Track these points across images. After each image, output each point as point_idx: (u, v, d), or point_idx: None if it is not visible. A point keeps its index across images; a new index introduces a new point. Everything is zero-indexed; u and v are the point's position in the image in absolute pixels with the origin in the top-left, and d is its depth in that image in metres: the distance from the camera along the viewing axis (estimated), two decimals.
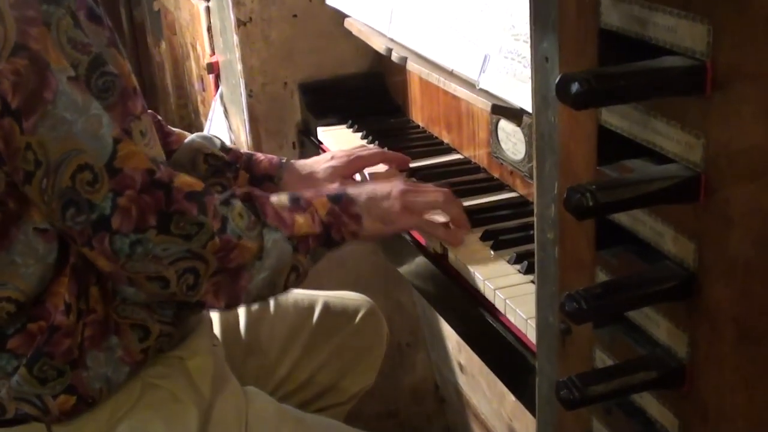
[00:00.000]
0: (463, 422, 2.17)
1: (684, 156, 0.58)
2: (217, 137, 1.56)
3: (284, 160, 1.55)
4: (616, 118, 0.64)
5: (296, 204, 1.24)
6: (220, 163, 1.50)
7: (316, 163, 1.54)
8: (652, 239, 0.63)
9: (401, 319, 2.22)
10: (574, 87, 0.53)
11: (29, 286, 1.14)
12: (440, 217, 1.33)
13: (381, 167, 1.56)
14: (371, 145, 1.68)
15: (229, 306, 1.21)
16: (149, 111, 1.33)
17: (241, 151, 1.56)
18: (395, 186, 1.31)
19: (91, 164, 1.07)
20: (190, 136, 1.53)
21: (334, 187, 1.35)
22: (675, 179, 0.57)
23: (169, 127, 1.54)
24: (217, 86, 2.26)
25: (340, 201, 1.27)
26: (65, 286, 1.16)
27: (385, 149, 1.61)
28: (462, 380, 2.10)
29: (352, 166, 1.52)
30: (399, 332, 2.20)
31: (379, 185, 1.33)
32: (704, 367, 0.61)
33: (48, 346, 1.15)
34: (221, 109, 2.20)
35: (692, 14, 0.56)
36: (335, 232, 1.25)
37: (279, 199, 1.25)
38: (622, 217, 0.65)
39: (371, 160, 1.55)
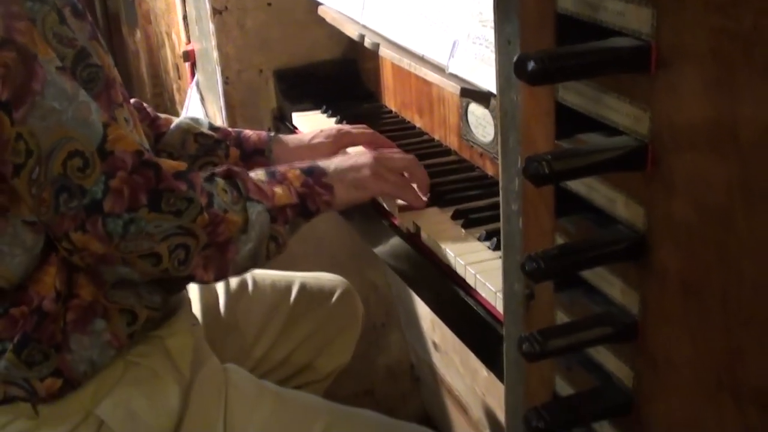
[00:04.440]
0: (438, 399, 2.22)
1: (632, 128, 0.63)
2: (204, 118, 1.61)
3: (272, 134, 1.60)
4: (572, 95, 0.69)
5: (272, 177, 1.30)
6: (210, 142, 1.55)
7: (305, 137, 1.59)
8: (606, 205, 0.68)
9: (376, 299, 2.27)
10: (530, 65, 0.58)
11: (14, 274, 1.18)
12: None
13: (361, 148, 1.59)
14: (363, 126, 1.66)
15: (218, 278, 1.25)
16: (135, 99, 1.36)
17: (229, 129, 1.60)
18: (364, 154, 1.40)
19: (82, 150, 1.11)
20: (177, 119, 1.57)
21: (305, 162, 1.39)
22: (624, 149, 0.63)
23: (155, 112, 1.58)
24: (192, 74, 2.30)
25: (312, 173, 1.33)
26: (53, 275, 1.19)
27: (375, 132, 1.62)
28: (436, 358, 2.15)
29: (340, 141, 1.57)
30: (374, 313, 2.25)
31: (349, 156, 1.41)
32: (653, 321, 0.66)
33: (36, 332, 1.18)
34: (198, 96, 2.23)
35: None
36: (310, 203, 1.31)
37: (256, 174, 1.31)
38: (579, 186, 0.70)
39: (359, 138, 1.59)
